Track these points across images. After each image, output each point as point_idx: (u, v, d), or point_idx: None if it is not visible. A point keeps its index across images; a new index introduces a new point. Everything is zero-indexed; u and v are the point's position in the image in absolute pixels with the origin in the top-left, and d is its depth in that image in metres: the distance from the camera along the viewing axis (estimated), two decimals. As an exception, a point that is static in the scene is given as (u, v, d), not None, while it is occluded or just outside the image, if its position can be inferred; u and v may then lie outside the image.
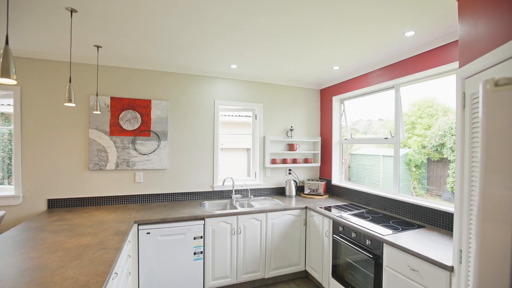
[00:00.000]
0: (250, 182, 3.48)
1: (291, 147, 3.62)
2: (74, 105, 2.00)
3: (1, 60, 1.00)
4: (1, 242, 1.72)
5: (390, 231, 2.08)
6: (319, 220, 2.77)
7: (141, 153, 2.93)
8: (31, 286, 1.20)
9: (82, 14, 1.79)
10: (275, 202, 3.25)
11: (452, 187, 2.33)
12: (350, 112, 3.52)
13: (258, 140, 3.51)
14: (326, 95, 3.74)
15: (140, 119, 2.92)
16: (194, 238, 2.51)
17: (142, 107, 2.93)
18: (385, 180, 2.94)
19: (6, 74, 1.01)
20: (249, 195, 3.35)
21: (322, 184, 3.48)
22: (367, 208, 2.85)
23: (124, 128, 2.86)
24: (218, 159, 3.30)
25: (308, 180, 3.63)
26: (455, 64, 2.06)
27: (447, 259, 1.56)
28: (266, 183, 3.55)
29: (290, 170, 3.69)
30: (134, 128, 2.90)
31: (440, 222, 2.17)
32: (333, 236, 2.56)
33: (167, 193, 3.07)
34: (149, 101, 2.96)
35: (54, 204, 2.66)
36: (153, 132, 2.97)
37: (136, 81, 2.94)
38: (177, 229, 2.46)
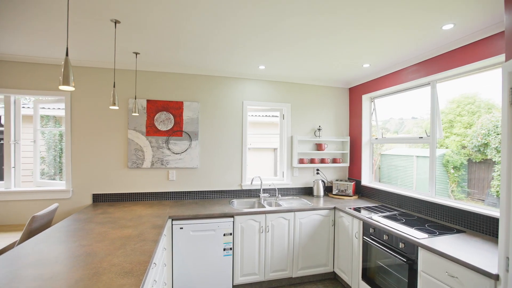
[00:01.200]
0: (278, 181, 3.51)
1: (319, 146, 3.59)
2: (117, 108, 2.18)
3: (62, 70, 1.14)
4: (57, 230, 1.94)
5: (425, 235, 1.98)
6: (348, 221, 2.72)
7: (174, 152, 3.10)
8: (85, 269, 1.35)
9: (125, 24, 1.95)
10: (303, 201, 3.25)
11: (497, 191, 2.16)
12: (381, 110, 3.39)
13: (285, 140, 3.53)
14: (356, 93, 3.65)
15: (173, 120, 3.09)
16: (224, 235, 2.60)
17: (175, 108, 3.10)
18: (419, 182, 2.80)
19: (66, 82, 1.16)
20: (277, 194, 3.38)
21: (351, 185, 3.40)
22: (399, 210, 2.73)
23: (159, 128, 3.05)
24: (247, 159, 3.37)
25: (337, 180, 3.57)
26: (501, 57, 1.91)
27: (492, 267, 1.46)
28: (294, 182, 3.56)
29: (318, 170, 3.65)
30: (168, 129, 3.08)
31: (483, 227, 2.02)
32: (363, 238, 2.50)
33: (198, 191, 3.21)
34: (181, 102, 3.11)
35: (98, 199, 2.92)
36: (185, 132, 3.13)
37: (169, 84, 3.12)
38: (208, 225, 2.56)
